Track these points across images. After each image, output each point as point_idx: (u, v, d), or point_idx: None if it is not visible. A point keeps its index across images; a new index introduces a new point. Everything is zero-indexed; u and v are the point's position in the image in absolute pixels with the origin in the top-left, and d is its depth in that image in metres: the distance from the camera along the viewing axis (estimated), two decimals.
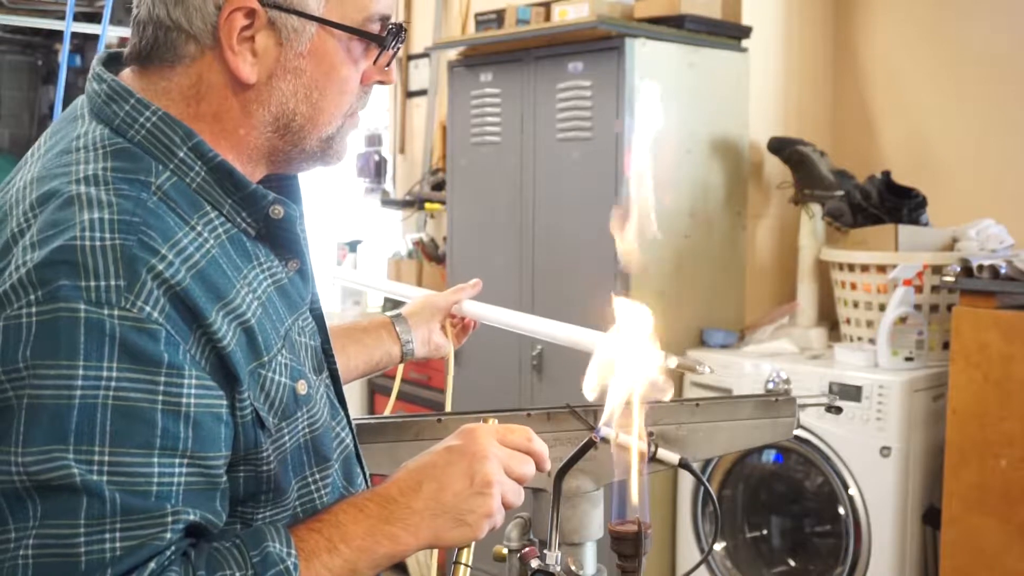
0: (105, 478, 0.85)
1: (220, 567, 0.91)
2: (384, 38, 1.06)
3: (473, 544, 1.05)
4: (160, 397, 0.88)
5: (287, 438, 1.01)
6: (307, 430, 1.04)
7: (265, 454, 0.99)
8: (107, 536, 0.85)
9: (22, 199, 0.95)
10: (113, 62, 1.07)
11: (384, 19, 1.06)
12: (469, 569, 1.05)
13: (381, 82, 1.10)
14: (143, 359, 0.88)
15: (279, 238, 1.06)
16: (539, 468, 1.08)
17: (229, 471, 0.96)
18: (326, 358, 1.14)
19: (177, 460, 0.89)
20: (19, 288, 0.87)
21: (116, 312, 0.87)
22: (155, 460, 0.88)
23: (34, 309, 0.86)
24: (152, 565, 0.87)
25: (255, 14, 0.99)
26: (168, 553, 0.89)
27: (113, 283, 0.87)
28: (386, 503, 1.01)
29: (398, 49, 1.09)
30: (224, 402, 0.94)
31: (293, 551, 0.94)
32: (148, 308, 0.88)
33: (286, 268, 1.07)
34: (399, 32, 1.07)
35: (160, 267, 0.90)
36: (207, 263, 0.95)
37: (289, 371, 1.01)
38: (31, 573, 0.84)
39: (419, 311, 1.60)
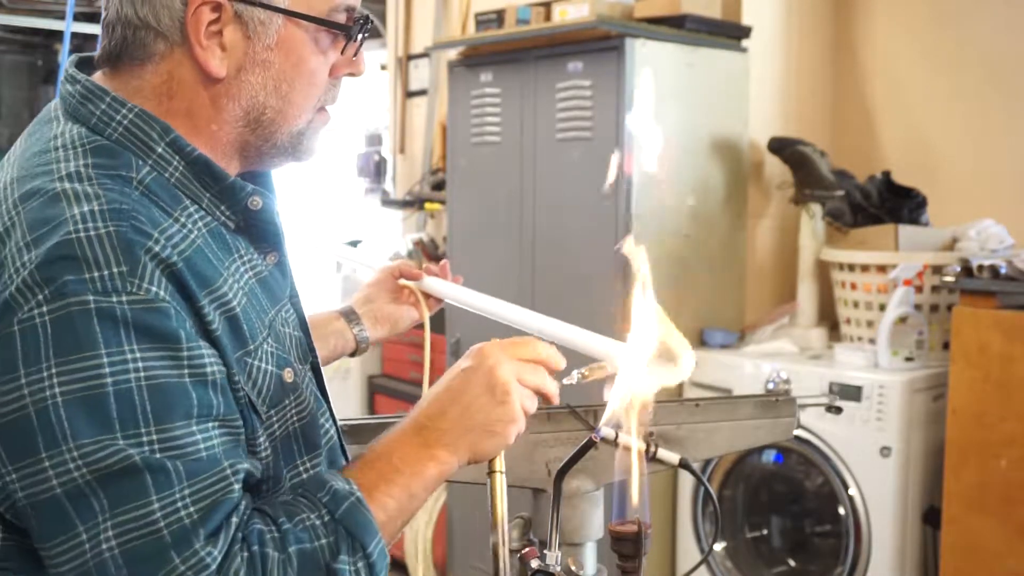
0: (159, 454, 0.87)
1: (297, 513, 0.95)
2: (350, 28, 1.07)
3: (503, 452, 1.10)
4: (186, 369, 0.91)
5: (276, 425, 1.03)
6: (295, 418, 1.06)
7: (260, 440, 1.01)
8: (180, 504, 0.88)
9: (3, 199, 0.96)
10: (85, 65, 1.08)
11: (350, 10, 1.07)
12: (504, 475, 1.10)
13: (351, 74, 1.12)
14: (161, 337, 0.90)
15: (258, 230, 1.07)
16: (552, 370, 1.12)
17: None
18: (309, 351, 1.15)
19: (211, 424, 0.92)
20: (25, 290, 0.88)
21: (125, 298, 0.89)
22: (195, 428, 0.91)
23: (45, 308, 0.87)
24: (235, 520, 0.90)
25: (222, 8, 1.00)
26: (242, 508, 0.92)
27: (116, 270, 0.89)
28: (420, 430, 1.05)
29: (364, 40, 1.10)
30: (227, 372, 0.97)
31: (355, 486, 0.98)
32: (154, 288, 0.90)
33: (265, 261, 1.08)
34: (365, 23, 1.09)
35: (156, 248, 0.92)
36: (193, 252, 0.96)
37: (275, 359, 1.03)
38: (123, 562, 0.85)
39: (360, 296, 1.60)
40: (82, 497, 0.85)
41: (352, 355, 1.56)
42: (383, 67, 4.89)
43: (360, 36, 1.09)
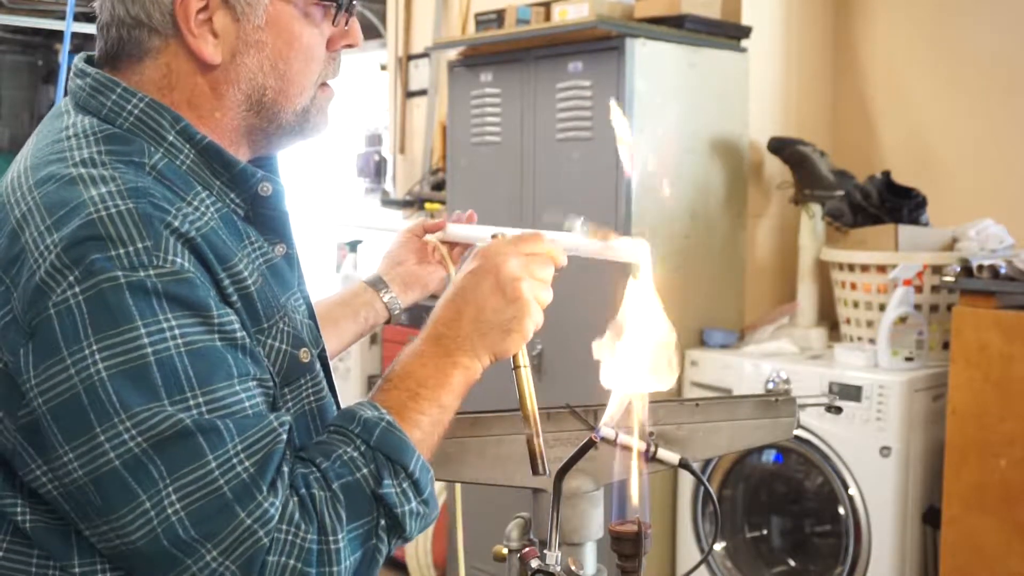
0: (208, 415, 0.89)
1: (333, 450, 0.97)
2: None
3: (524, 346, 1.10)
4: (217, 334, 0.93)
5: (291, 404, 1.05)
6: (312, 397, 1.07)
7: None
8: (235, 460, 0.89)
9: (19, 186, 0.97)
10: (93, 62, 1.09)
11: None
12: (528, 369, 1.12)
13: (348, 45, 1.11)
14: (192, 305, 0.92)
15: (266, 219, 1.08)
16: (556, 265, 1.13)
17: None
18: (319, 339, 1.16)
19: (251, 384, 0.95)
20: (55, 273, 0.89)
21: (152, 271, 0.90)
22: (238, 388, 0.93)
23: (77, 289, 0.89)
24: (285, 468, 0.92)
25: None
26: (288, 456, 0.94)
27: (141, 245, 0.91)
28: (438, 339, 1.07)
29: (355, 7, 1.10)
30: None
31: (383, 410, 1.00)
32: (179, 260, 0.92)
33: (274, 251, 1.09)
34: None
35: (175, 223, 0.94)
36: (209, 231, 0.98)
37: (291, 339, 1.04)
38: (189, 523, 0.87)
39: (388, 263, 1.55)
40: (140, 466, 0.87)
41: (387, 323, 1.53)
42: (383, 67, 4.88)
43: (350, 4, 1.09)
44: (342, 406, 1.18)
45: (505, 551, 1.25)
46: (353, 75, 5.08)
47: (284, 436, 0.93)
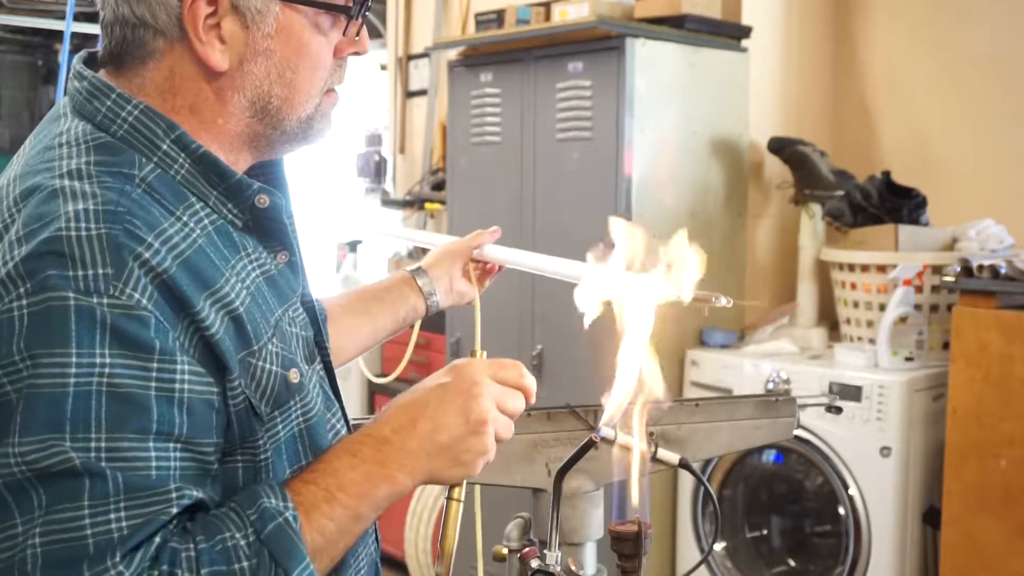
0: (104, 462, 0.85)
1: (219, 531, 0.90)
2: (350, 8, 1.05)
3: (465, 481, 1.05)
4: (153, 383, 0.88)
5: (280, 427, 1.01)
6: (301, 419, 1.04)
7: (261, 442, 0.99)
8: (112, 516, 0.84)
9: (6, 196, 0.96)
10: (93, 61, 1.07)
11: None
12: (462, 504, 1.06)
13: (356, 53, 1.10)
14: (135, 345, 0.87)
15: (266, 228, 1.05)
16: (528, 401, 1.09)
17: (227, 460, 0.97)
18: (319, 350, 1.14)
19: (171, 445, 0.89)
20: (8, 282, 0.87)
21: (105, 300, 0.87)
22: (151, 445, 0.87)
23: (25, 301, 0.86)
24: (157, 539, 0.86)
25: (217, 0, 0.99)
26: (171, 526, 0.88)
27: (101, 271, 0.87)
28: (381, 445, 0.99)
29: (366, 17, 1.08)
30: (215, 389, 0.94)
31: (290, 504, 0.93)
32: (137, 295, 0.88)
33: (275, 260, 1.07)
34: (364, 0, 1.06)
35: (147, 255, 0.90)
36: (193, 252, 0.95)
37: (280, 360, 1.01)
38: (40, 563, 0.83)
39: (438, 261, 1.55)
40: (22, 491, 0.84)
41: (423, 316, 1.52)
42: (383, 67, 4.88)
43: (361, 14, 1.07)
44: (345, 408, 1.16)
45: (505, 551, 1.25)
46: (353, 75, 5.08)
47: (174, 510, 0.87)
